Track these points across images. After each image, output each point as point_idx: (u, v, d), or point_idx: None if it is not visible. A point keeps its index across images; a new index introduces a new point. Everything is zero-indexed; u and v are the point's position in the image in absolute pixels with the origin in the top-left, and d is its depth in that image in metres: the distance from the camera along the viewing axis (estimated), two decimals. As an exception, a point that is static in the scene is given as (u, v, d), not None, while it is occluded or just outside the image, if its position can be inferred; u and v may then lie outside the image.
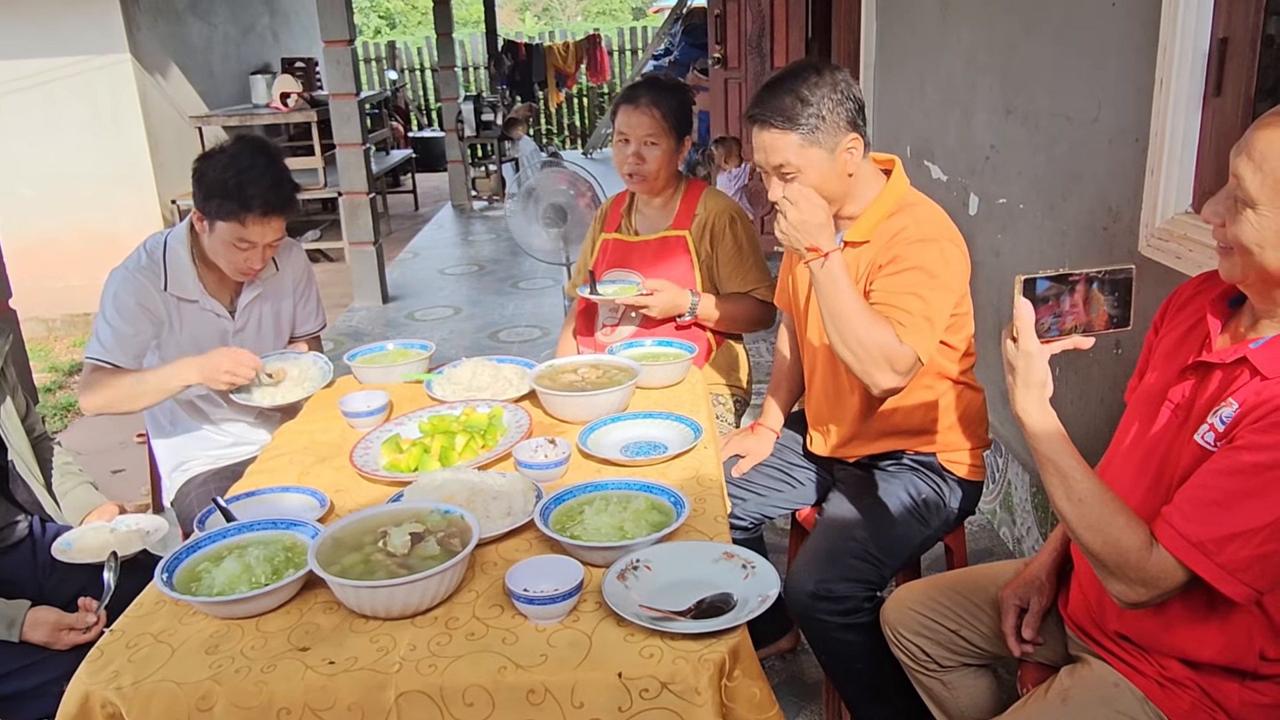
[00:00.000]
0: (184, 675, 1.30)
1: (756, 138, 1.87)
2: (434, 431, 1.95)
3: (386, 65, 12.29)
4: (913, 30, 3.80)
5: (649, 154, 2.44)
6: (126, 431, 4.26)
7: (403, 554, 1.42)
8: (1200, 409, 1.29)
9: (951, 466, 2.04)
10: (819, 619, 1.87)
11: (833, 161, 1.85)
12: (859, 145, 1.87)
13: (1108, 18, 2.24)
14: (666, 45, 9.73)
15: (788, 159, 1.83)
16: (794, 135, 1.82)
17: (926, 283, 1.82)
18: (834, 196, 1.89)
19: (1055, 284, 1.26)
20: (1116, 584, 1.28)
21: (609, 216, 2.69)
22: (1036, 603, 1.60)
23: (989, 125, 3.02)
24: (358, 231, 5.98)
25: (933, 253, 1.84)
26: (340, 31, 5.53)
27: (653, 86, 2.48)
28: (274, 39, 8.50)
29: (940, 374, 1.99)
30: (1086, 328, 1.29)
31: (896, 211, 1.91)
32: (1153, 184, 2.04)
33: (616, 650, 1.30)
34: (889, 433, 2.03)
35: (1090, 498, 1.27)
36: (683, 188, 2.56)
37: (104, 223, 6.30)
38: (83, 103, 6.13)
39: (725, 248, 2.50)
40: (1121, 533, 1.25)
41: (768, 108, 1.83)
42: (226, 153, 2.15)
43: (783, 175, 1.86)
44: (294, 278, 2.49)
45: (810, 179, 1.84)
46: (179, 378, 2.12)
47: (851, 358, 1.78)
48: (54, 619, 1.74)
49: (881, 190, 1.95)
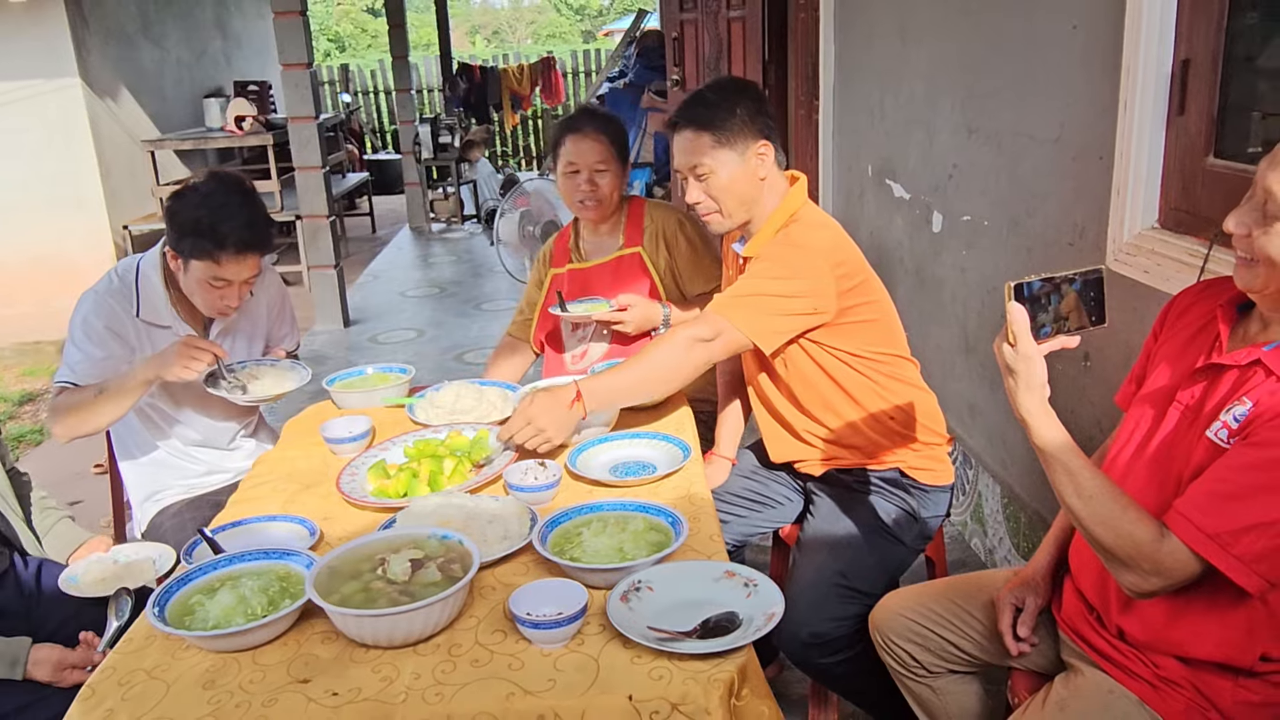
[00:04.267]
0: (182, 713, 1.27)
1: (676, 142, 2.00)
2: (420, 456, 1.93)
3: (340, 88, 12.21)
4: (871, 51, 3.87)
5: (601, 180, 2.47)
6: (83, 462, 4.15)
7: (403, 581, 1.40)
8: (1211, 409, 1.34)
9: (916, 475, 2.06)
10: (815, 663, 1.90)
11: (743, 164, 1.96)
12: (769, 151, 1.99)
13: (1069, 40, 2.31)
14: (621, 67, 9.79)
15: (702, 159, 1.95)
16: (707, 136, 1.95)
17: (764, 274, 1.90)
18: (744, 198, 1.99)
19: (1044, 286, 1.31)
20: (1129, 575, 1.31)
21: (554, 254, 2.68)
22: (1033, 602, 1.63)
23: (951, 144, 3.08)
24: (318, 255, 5.92)
25: (785, 253, 1.92)
26: (299, 55, 5.49)
27: (594, 116, 2.54)
28: (226, 62, 8.41)
29: (877, 379, 2.02)
30: (1071, 327, 1.34)
31: (786, 224, 1.99)
32: (1119, 201, 2.10)
33: (625, 673, 1.30)
34: (836, 441, 2.06)
35: (1099, 493, 1.31)
36: (625, 208, 2.59)
37: (54, 248, 6.16)
38: (32, 127, 6.00)
39: (681, 251, 2.53)
40: (1133, 526, 1.29)
41: (688, 112, 1.99)
42: (199, 190, 2.10)
43: (698, 176, 1.98)
44: (269, 301, 2.46)
45: (721, 179, 1.96)
46: (136, 378, 2.04)
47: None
48: (57, 657, 1.69)
49: (779, 204, 2.02)
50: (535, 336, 2.69)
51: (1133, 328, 2.10)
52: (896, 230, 3.63)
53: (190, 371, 2.02)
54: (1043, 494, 2.67)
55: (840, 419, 2.04)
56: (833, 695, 2.15)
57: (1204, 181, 1.91)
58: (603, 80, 10.03)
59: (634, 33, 9.23)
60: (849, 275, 1.94)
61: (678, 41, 6.12)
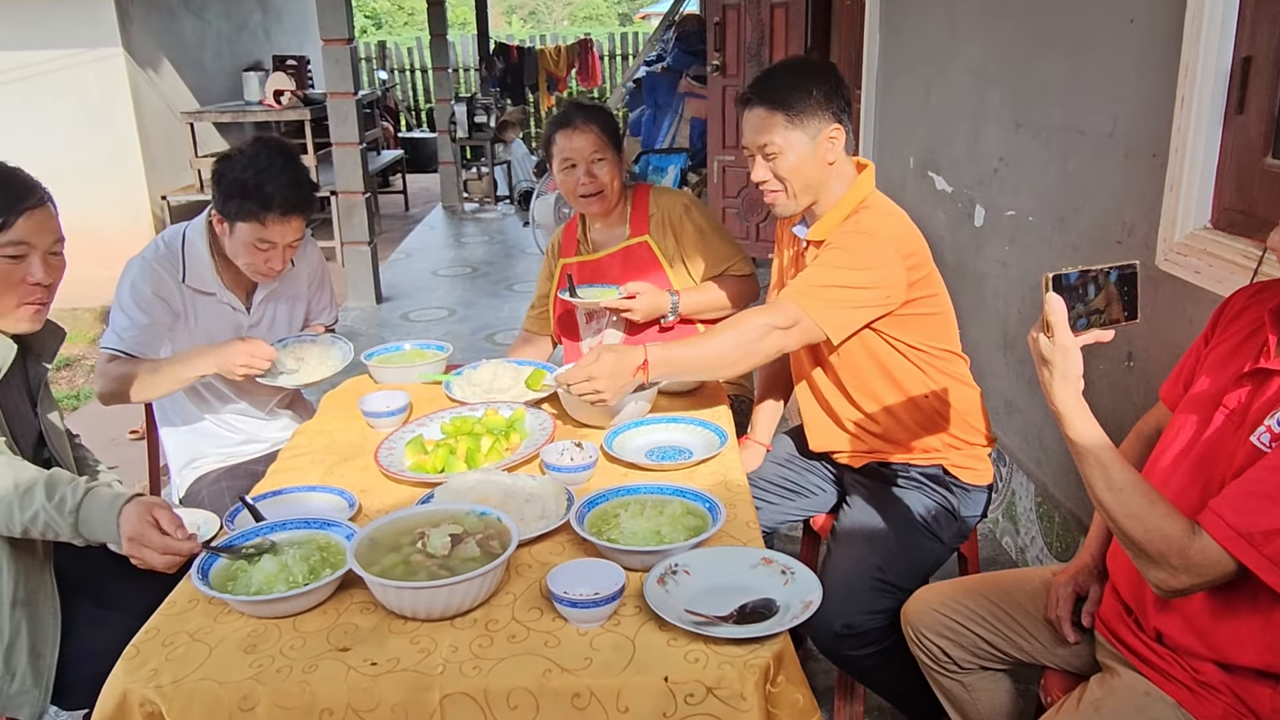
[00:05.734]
0: (224, 674, 1.29)
1: (747, 119, 1.95)
2: (456, 433, 1.94)
3: (376, 65, 12.25)
4: (918, 41, 3.83)
5: (599, 170, 2.44)
6: (119, 428, 4.21)
7: (443, 555, 1.41)
8: (1256, 413, 1.32)
9: (958, 473, 2.04)
10: (845, 654, 1.89)
11: (813, 147, 1.92)
12: (841, 136, 1.94)
13: (1126, 34, 2.27)
14: (659, 51, 9.74)
15: (772, 139, 1.91)
16: (780, 115, 1.90)
17: (835, 262, 1.87)
18: (811, 181, 1.95)
19: (1081, 278, 1.30)
20: (1157, 572, 1.29)
21: (562, 245, 2.67)
22: (1096, 590, 1.62)
23: (998, 138, 3.04)
24: (353, 231, 5.95)
25: (857, 242, 1.88)
26: (339, 30, 5.51)
27: (581, 108, 2.52)
28: (265, 36, 8.45)
29: (927, 372, 2.00)
30: (1106, 321, 1.33)
31: (855, 212, 1.96)
32: (1171, 200, 2.07)
33: (660, 655, 1.30)
34: (882, 433, 2.04)
35: (1130, 487, 1.30)
36: (629, 196, 2.57)
37: (92, 218, 6.22)
38: (73, 97, 6.06)
39: (688, 235, 2.51)
40: (1163, 520, 1.27)
41: (760, 89, 1.94)
42: (244, 154, 2.14)
43: (767, 155, 1.93)
44: (309, 272, 2.48)
45: (790, 160, 1.92)
46: (194, 368, 2.11)
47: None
48: (150, 520, 1.57)
49: (848, 190, 1.99)
50: (554, 326, 2.69)
51: (1180, 329, 2.07)
52: (937, 224, 3.60)
53: (250, 373, 2.09)
54: (1078, 494, 2.65)
55: (888, 412, 2.01)
56: (859, 687, 2.14)
57: (1261, 182, 1.88)
58: (640, 64, 9.98)
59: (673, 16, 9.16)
60: (918, 266, 1.92)
61: (719, 26, 6.08)
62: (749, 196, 6.14)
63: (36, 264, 1.64)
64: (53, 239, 1.68)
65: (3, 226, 1.58)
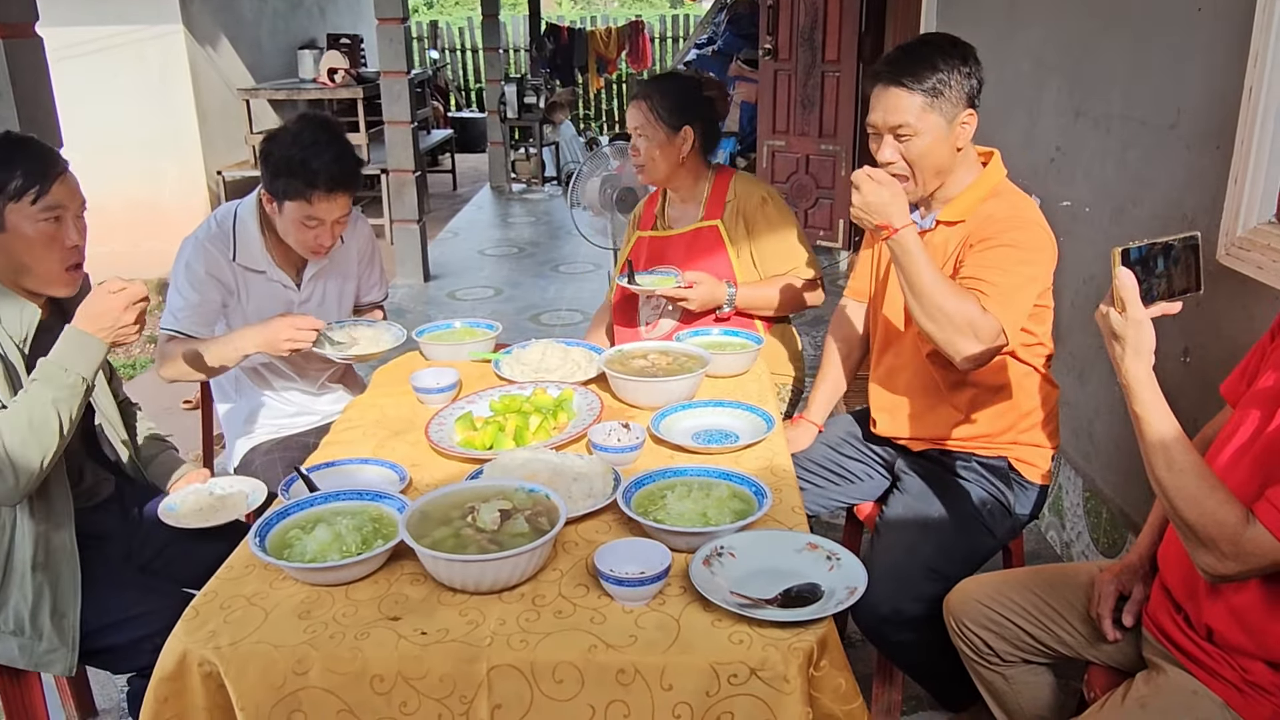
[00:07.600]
0: (280, 638, 1.32)
1: (880, 96, 1.88)
2: (505, 411, 1.96)
3: (428, 45, 12.32)
4: (976, 27, 3.76)
5: (640, 145, 2.49)
6: (173, 398, 4.30)
7: (492, 530, 1.43)
8: None
9: (1022, 469, 2.02)
10: (889, 639, 1.90)
11: (948, 132, 1.87)
12: (973, 122, 1.90)
13: (1192, 21, 2.22)
14: (710, 34, 9.68)
15: (907, 120, 1.85)
16: (918, 97, 1.84)
17: (1016, 260, 1.83)
18: (941, 167, 1.91)
19: (1149, 250, 1.30)
20: (1206, 556, 1.29)
21: (643, 215, 2.70)
22: (1140, 590, 1.60)
23: (1056, 126, 2.99)
24: (402, 209, 6.02)
25: (1026, 235, 1.85)
26: (394, 9, 5.55)
27: (651, 81, 2.57)
28: (320, 14, 8.54)
29: (1020, 362, 1.98)
30: (1171, 293, 1.32)
31: (991, 196, 1.93)
32: (1235, 192, 2.02)
33: (705, 635, 1.31)
34: (961, 419, 2.01)
35: (1190, 469, 1.29)
36: (711, 177, 2.56)
37: (149, 191, 6.36)
38: (134, 73, 6.18)
39: (760, 228, 2.51)
40: (1219, 507, 1.26)
41: (898, 66, 1.86)
42: (290, 131, 2.16)
43: (899, 136, 1.87)
44: (359, 249, 2.51)
45: (923, 143, 1.86)
46: (239, 348, 2.13)
47: (934, 326, 1.77)
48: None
49: (980, 175, 1.96)
50: (612, 311, 2.70)
51: (1239, 325, 2.03)
52: (989, 212, 3.54)
53: (296, 347, 2.11)
54: (1126, 490, 2.61)
55: (972, 400, 1.99)
56: (898, 675, 2.14)
57: (1330, 176, 1.83)
58: (690, 47, 9.94)
59: (725, -1, 9.12)
60: (1055, 255, 1.92)
61: (772, 10, 6.03)
62: (798, 182, 6.09)
63: (71, 226, 1.74)
64: (79, 202, 1.77)
65: (42, 192, 1.68)
